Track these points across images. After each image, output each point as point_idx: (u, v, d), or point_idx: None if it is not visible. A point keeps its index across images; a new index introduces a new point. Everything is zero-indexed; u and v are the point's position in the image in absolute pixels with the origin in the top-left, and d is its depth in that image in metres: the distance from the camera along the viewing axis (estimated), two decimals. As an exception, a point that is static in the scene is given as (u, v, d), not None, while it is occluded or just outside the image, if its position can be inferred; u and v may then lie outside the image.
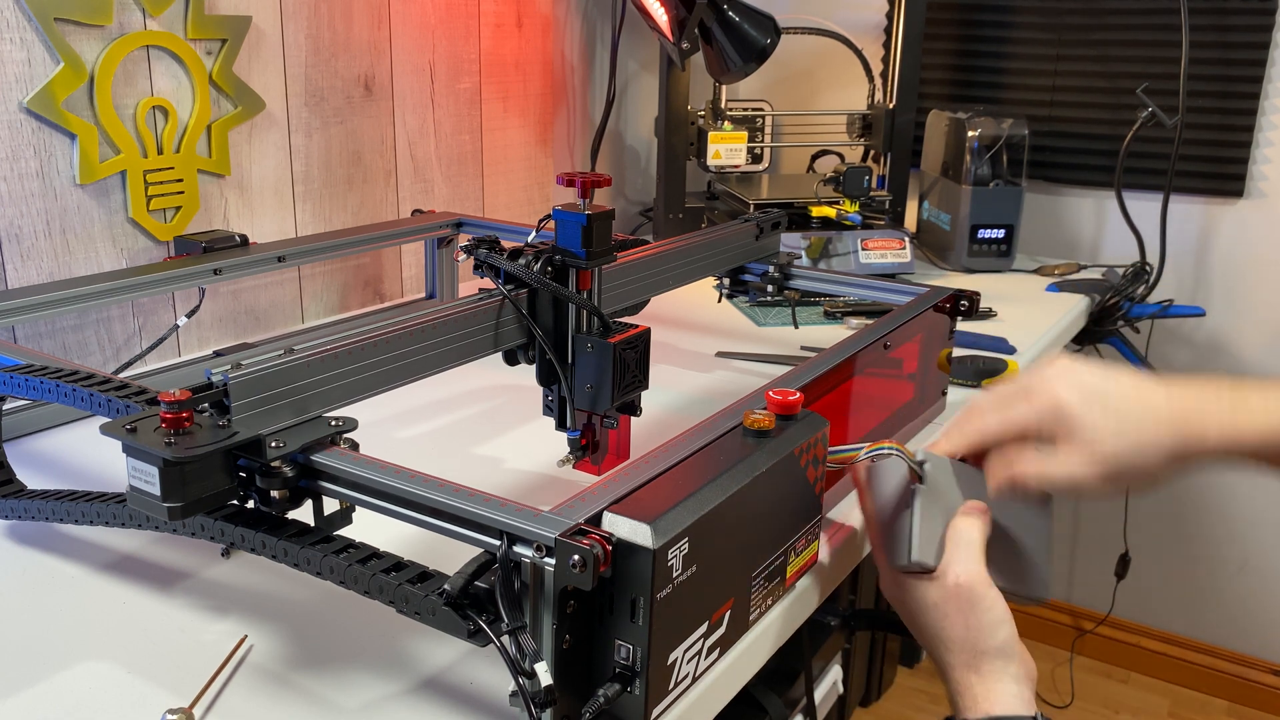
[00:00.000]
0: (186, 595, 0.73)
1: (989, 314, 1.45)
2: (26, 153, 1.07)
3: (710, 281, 1.20)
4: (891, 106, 1.75)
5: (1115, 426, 0.66)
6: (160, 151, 1.19)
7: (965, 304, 1.04)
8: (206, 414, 0.62)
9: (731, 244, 1.15)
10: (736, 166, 1.78)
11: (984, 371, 1.19)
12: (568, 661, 0.54)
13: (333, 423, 0.65)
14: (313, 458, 0.62)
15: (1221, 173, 1.81)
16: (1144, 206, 1.76)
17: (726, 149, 1.76)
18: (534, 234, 0.83)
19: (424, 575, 0.58)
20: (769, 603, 0.68)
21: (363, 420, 0.67)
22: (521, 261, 0.79)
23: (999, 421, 0.71)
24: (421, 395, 1.04)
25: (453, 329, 0.77)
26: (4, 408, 0.84)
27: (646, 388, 0.82)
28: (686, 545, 0.55)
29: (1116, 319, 1.66)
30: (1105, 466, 0.66)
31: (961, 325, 1.13)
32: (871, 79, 1.83)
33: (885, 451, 0.70)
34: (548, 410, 0.84)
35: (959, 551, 0.68)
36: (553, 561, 0.52)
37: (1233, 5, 1.74)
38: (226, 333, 1.32)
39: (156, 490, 0.58)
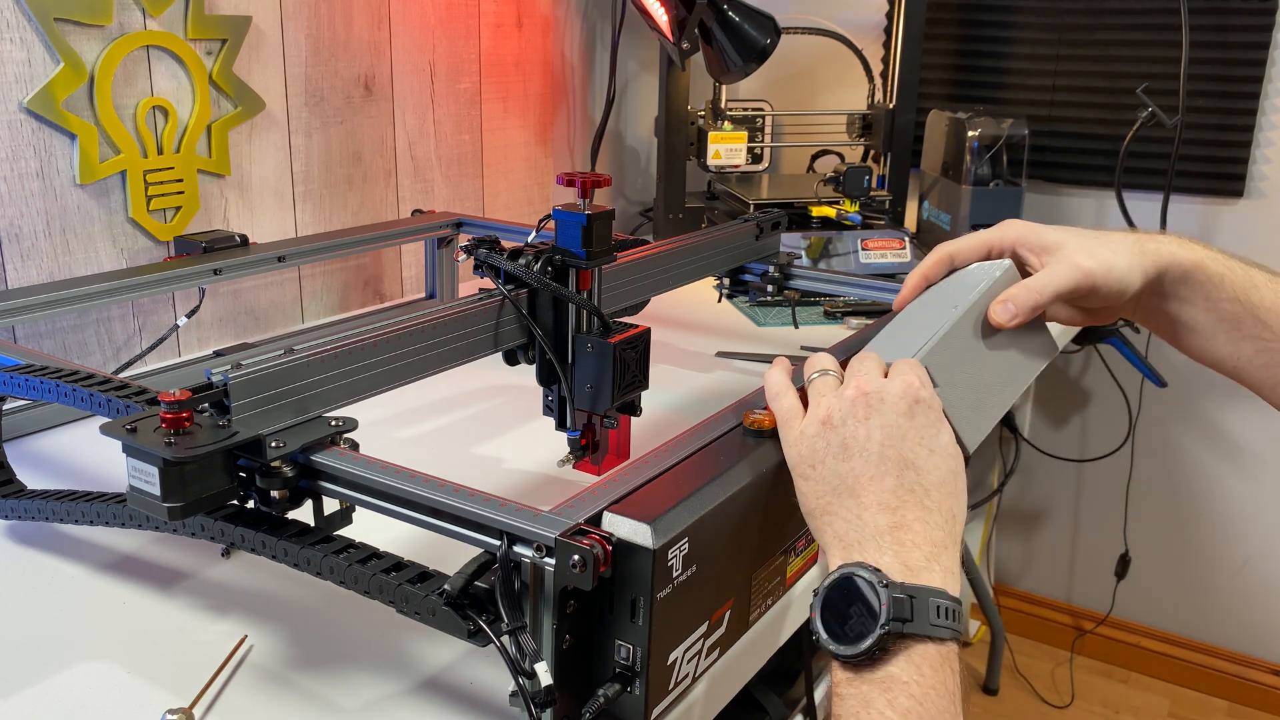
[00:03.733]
0: (186, 595, 0.73)
1: (989, 314, 1.45)
2: (26, 153, 1.07)
3: (710, 281, 1.20)
4: (891, 106, 1.75)
5: (1091, 242, 0.72)
6: (160, 151, 1.19)
7: (965, 304, 1.04)
8: (206, 414, 0.62)
9: (731, 244, 1.15)
10: (736, 166, 1.78)
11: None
12: (568, 661, 0.54)
13: (333, 423, 0.65)
14: (313, 458, 0.62)
15: (1221, 173, 1.81)
16: (1144, 206, 1.76)
17: (726, 149, 1.76)
18: (534, 234, 0.83)
19: (424, 575, 0.58)
20: (769, 603, 0.68)
21: (363, 420, 0.67)
22: (521, 261, 0.79)
23: (965, 245, 0.75)
24: (421, 395, 1.04)
25: (453, 329, 0.77)
26: (4, 408, 0.84)
27: (646, 388, 0.82)
28: (686, 545, 0.55)
29: (1117, 319, 1.66)
30: (1094, 264, 0.70)
31: (961, 325, 1.12)
32: (871, 79, 1.83)
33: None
34: (548, 410, 0.84)
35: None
36: (553, 561, 0.52)
37: (1233, 5, 1.74)
38: (226, 333, 1.32)
39: (156, 490, 0.58)
